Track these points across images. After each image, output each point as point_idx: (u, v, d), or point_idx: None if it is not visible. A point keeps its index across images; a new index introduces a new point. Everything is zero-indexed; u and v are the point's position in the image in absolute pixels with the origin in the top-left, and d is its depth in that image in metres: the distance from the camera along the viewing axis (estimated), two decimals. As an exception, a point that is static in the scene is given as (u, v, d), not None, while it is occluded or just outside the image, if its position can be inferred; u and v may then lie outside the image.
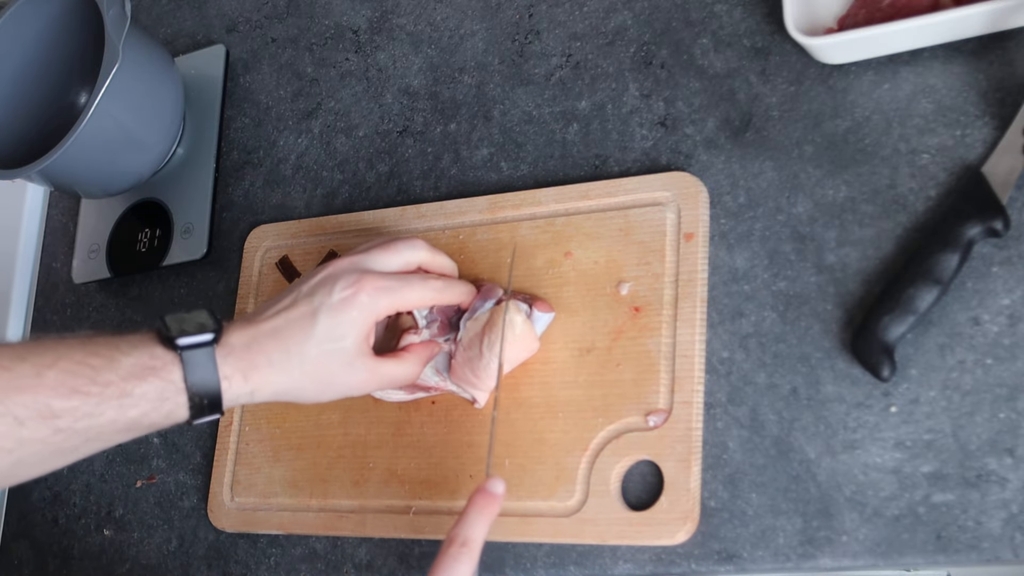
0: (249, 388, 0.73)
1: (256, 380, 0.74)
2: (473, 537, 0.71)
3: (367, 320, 0.76)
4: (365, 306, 0.76)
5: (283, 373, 0.74)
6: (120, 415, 0.69)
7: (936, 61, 0.79)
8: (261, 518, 0.92)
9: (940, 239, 0.72)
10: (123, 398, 0.69)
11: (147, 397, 0.70)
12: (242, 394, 0.73)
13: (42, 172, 0.98)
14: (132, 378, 0.69)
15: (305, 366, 0.75)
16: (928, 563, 0.70)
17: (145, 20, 1.21)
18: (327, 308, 0.76)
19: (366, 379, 0.78)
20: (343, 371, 0.76)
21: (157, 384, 0.70)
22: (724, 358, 0.79)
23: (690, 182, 0.84)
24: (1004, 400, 0.71)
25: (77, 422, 0.68)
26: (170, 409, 0.71)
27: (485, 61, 0.98)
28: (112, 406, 0.69)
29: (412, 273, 0.81)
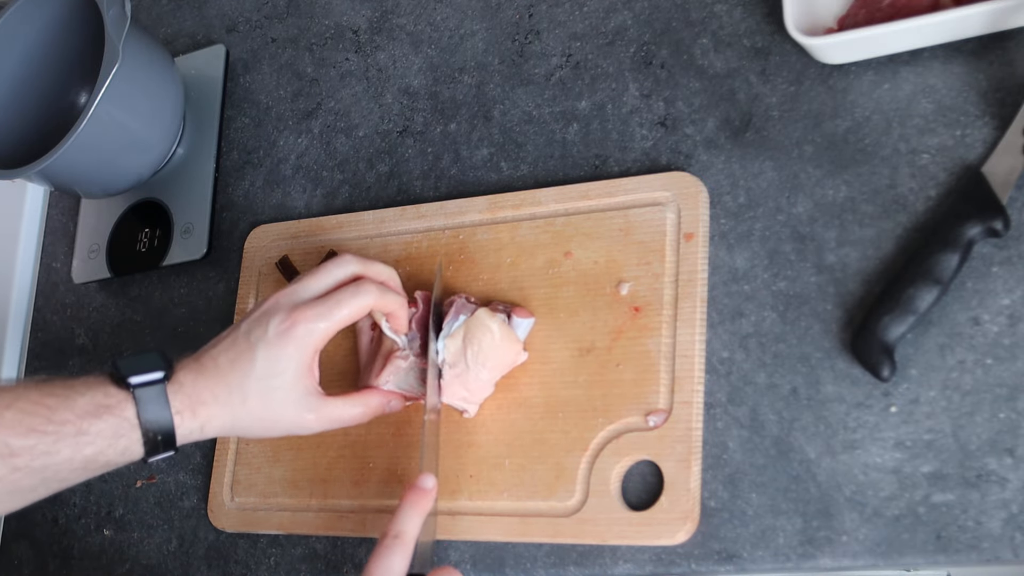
0: (198, 423, 0.76)
1: (203, 416, 0.76)
2: (405, 530, 0.73)
3: (306, 352, 0.78)
4: (302, 338, 0.77)
5: (226, 408, 0.76)
6: (76, 453, 0.71)
7: (936, 61, 0.79)
8: (261, 518, 0.92)
9: (940, 239, 0.72)
10: (79, 436, 0.71)
11: (103, 435, 0.72)
12: (193, 429, 0.76)
13: (42, 172, 0.98)
14: (87, 416, 0.71)
15: (247, 402, 0.77)
16: (928, 563, 0.70)
17: (145, 20, 1.21)
18: (264, 344, 0.77)
19: (311, 419, 0.79)
20: (286, 408, 0.78)
21: (112, 421, 0.72)
22: (724, 358, 0.79)
23: (690, 182, 0.84)
24: (1004, 400, 0.71)
25: (34, 460, 0.70)
26: (125, 446, 0.73)
27: (485, 61, 0.98)
28: (68, 444, 0.71)
29: (344, 284, 0.81)
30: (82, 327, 1.12)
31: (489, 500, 0.83)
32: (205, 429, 0.76)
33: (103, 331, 1.10)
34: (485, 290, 0.88)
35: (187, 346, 1.03)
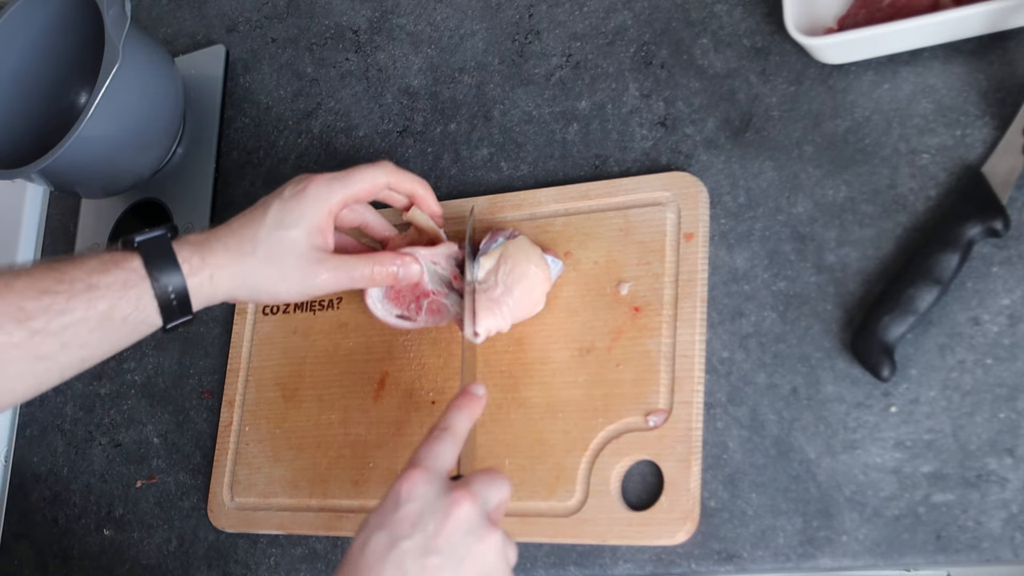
0: (207, 272, 0.76)
1: (212, 263, 0.76)
2: (454, 424, 0.72)
3: (319, 210, 0.78)
4: (315, 195, 0.79)
5: (237, 256, 0.77)
6: (89, 309, 0.72)
7: (936, 61, 0.79)
8: (261, 518, 0.92)
9: (940, 239, 0.72)
10: (90, 291, 0.72)
11: (112, 288, 0.73)
12: (203, 280, 0.76)
13: (42, 172, 0.98)
14: (96, 272, 0.73)
15: (257, 250, 0.77)
16: (928, 563, 0.70)
17: (145, 20, 1.21)
18: (279, 201, 0.79)
19: (320, 270, 0.79)
20: (295, 261, 0.78)
21: (119, 274, 0.74)
22: (724, 358, 0.79)
23: (690, 182, 0.84)
24: (1004, 400, 0.71)
25: (50, 322, 0.71)
26: (136, 299, 0.74)
27: (485, 61, 0.98)
28: (81, 301, 0.72)
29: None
30: (82, 327, 1.12)
31: (489, 500, 0.83)
32: (215, 279, 0.76)
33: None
34: (485, 290, 0.88)
35: (187, 346, 1.04)
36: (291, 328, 0.97)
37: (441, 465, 0.69)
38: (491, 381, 0.85)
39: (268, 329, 0.98)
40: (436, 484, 0.68)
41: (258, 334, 0.98)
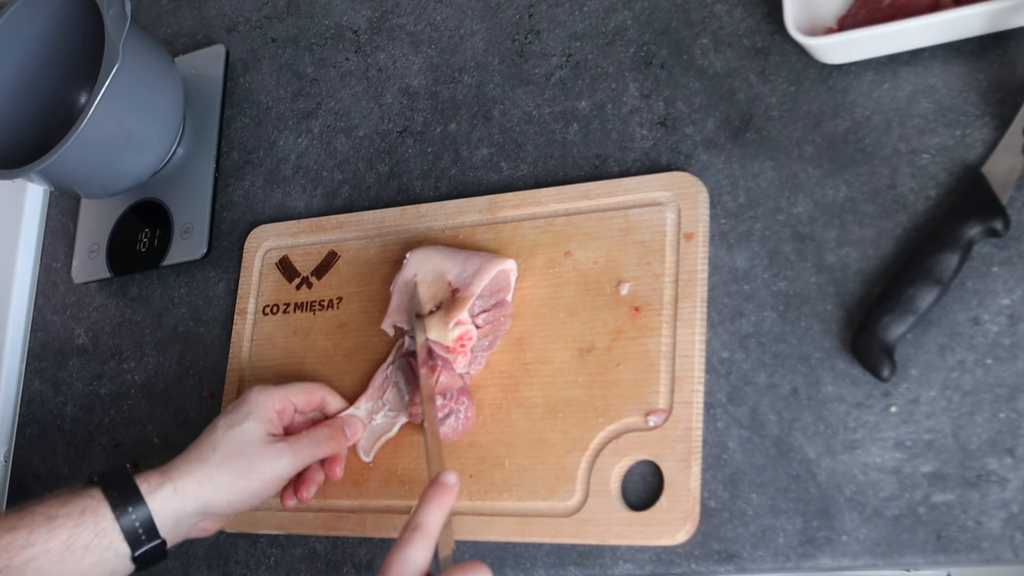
0: (170, 486, 0.78)
1: (174, 476, 0.78)
2: (425, 521, 0.72)
3: (263, 401, 0.83)
4: (256, 394, 0.83)
5: (198, 463, 0.79)
6: (50, 540, 0.73)
7: (936, 61, 0.79)
8: (261, 518, 0.92)
9: (940, 239, 0.72)
10: (49, 523, 0.74)
11: (71, 516, 0.74)
12: (167, 495, 0.78)
13: (42, 172, 0.98)
14: (55, 505, 0.75)
15: (217, 449, 0.80)
16: (928, 563, 0.70)
17: (145, 20, 1.21)
18: (224, 413, 0.83)
19: (285, 450, 0.82)
20: (255, 450, 0.81)
21: (77, 503, 0.75)
22: (724, 358, 0.79)
23: (690, 182, 0.84)
24: (1004, 400, 0.71)
25: (13, 558, 0.72)
26: (94, 523, 0.75)
27: (485, 61, 0.98)
28: (41, 534, 0.73)
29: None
30: (82, 327, 1.12)
31: (489, 500, 0.83)
32: (179, 489, 0.78)
33: (103, 331, 1.10)
34: (485, 290, 0.88)
35: (187, 346, 1.04)
36: (291, 328, 0.97)
37: (414, 569, 0.70)
38: (491, 381, 0.85)
39: (268, 329, 0.98)
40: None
41: (258, 334, 0.98)
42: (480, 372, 0.86)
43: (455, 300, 0.83)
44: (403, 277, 0.87)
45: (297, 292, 0.98)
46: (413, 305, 0.86)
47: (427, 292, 0.86)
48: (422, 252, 0.88)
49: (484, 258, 0.85)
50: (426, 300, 0.86)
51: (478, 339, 0.84)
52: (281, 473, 0.82)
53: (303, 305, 0.97)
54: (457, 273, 0.85)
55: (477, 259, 0.85)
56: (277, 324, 0.98)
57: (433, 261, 0.87)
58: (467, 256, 0.86)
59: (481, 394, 0.85)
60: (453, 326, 0.83)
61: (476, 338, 0.84)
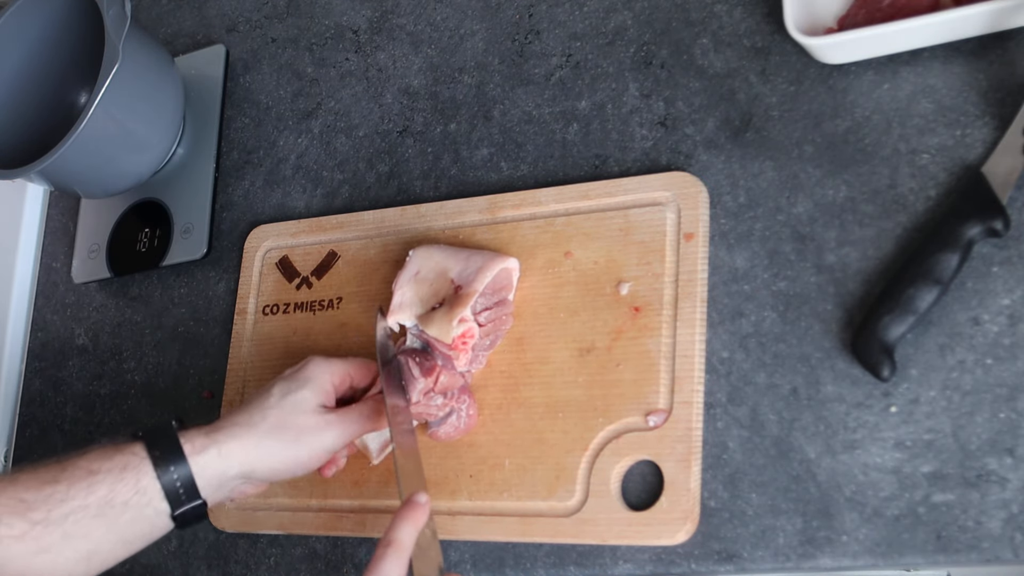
0: (215, 449, 0.76)
1: (220, 439, 0.77)
2: (398, 538, 0.73)
3: (322, 373, 0.81)
4: (313, 367, 0.82)
5: (246, 427, 0.78)
6: (89, 495, 0.72)
7: (936, 61, 0.79)
8: (261, 518, 0.92)
9: (940, 239, 0.72)
10: (90, 477, 0.72)
11: (111, 471, 0.73)
12: (210, 458, 0.76)
13: (42, 172, 0.98)
14: (97, 459, 0.73)
15: (268, 417, 0.78)
16: (928, 563, 0.70)
17: (145, 20, 1.21)
18: (282, 379, 0.82)
19: (334, 423, 0.80)
20: (306, 420, 0.79)
21: (119, 458, 0.74)
22: (724, 358, 0.79)
23: (690, 182, 0.84)
24: (1004, 400, 0.71)
25: (51, 511, 0.71)
26: (135, 480, 0.73)
27: (485, 61, 0.98)
28: (80, 488, 0.72)
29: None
30: (82, 327, 1.12)
31: (489, 500, 0.83)
32: (224, 453, 0.76)
33: (103, 331, 1.10)
34: (485, 290, 0.88)
35: (187, 346, 1.04)
36: (291, 328, 0.97)
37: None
38: (491, 381, 0.85)
39: (268, 329, 0.98)
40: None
41: (258, 334, 0.98)
42: (480, 372, 0.86)
43: (458, 297, 0.83)
44: (407, 274, 0.87)
45: (297, 292, 0.98)
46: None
47: (429, 289, 0.86)
48: (424, 250, 0.88)
49: (487, 256, 0.85)
50: (428, 297, 0.85)
51: (479, 338, 0.84)
52: (329, 445, 0.80)
53: (303, 305, 0.97)
54: (460, 270, 0.85)
55: (480, 257, 0.85)
56: (277, 324, 0.98)
57: (435, 258, 0.87)
58: (470, 254, 0.86)
59: (481, 394, 0.85)
60: (456, 323, 0.82)
61: (478, 336, 0.84)
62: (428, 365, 0.83)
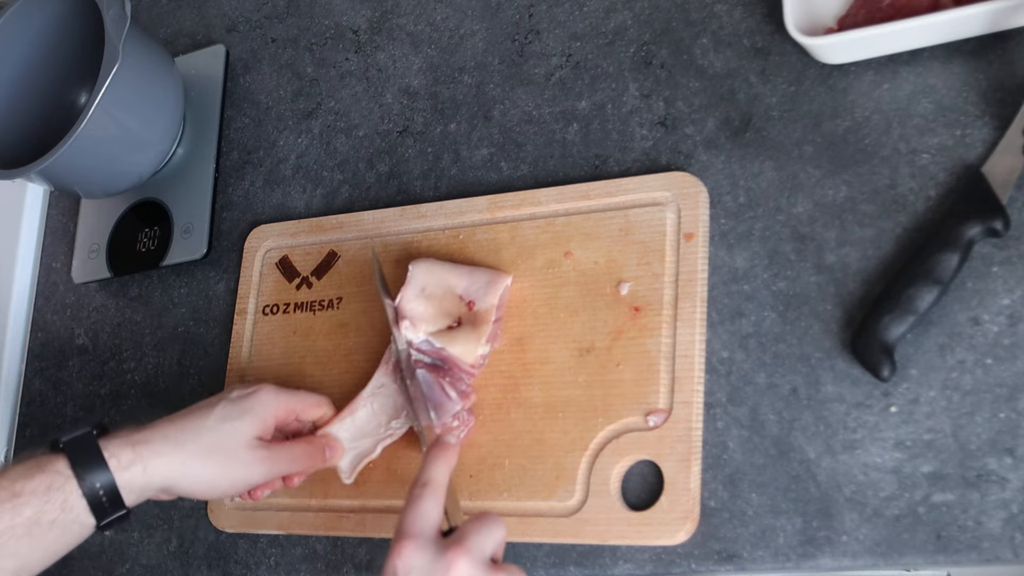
0: (140, 465, 0.76)
1: (146, 453, 0.76)
2: (433, 477, 0.72)
3: (266, 407, 0.81)
4: (265, 397, 0.82)
5: (176, 445, 0.77)
6: (15, 517, 0.72)
7: (936, 61, 0.79)
8: (261, 518, 0.92)
9: (940, 239, 0.72)
10: (14, 499, 0.72)
11: (36, 492, 0.72)
12: (135, 474, 0.75)
13: (42, 172, 0.98)
14: (20, 479, 0.73)
15: (201, 439, 0.78)
16: (928, 563, 0.70)
17: (145, 20, 1.21)
18: (226, 400, 0.81)
19: (262, 459, 0.81)
20: (238, 452, 0.80)
21: (43, 478, 0.73)
22: (724, 358, 0.79)
23: (690, 182, 0.84)
24: (1004, 400, 0.71)
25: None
26: (62, 501, 0.73)
27: (485, 61, 0.98)
28: (6, 510, 0.72)
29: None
30: (82, 327, 1.12)
31: (489, 500, 0.83)
32: (148, 471, 0.76)
33: (103, 331, 1.10)
34: (485, 290, 0.88)
35: (187, 346, 1.04)
36: (291, 328, 0.97)
37: (428, 527, 0.70)
38: (491, 381, 0.85)
39: (268, 329, 0.98)
40: (429, 549, 0.68)
41: (258, 334, 0.98)
42: (480, 372, 0.86)
43: (476, 315, 0.84)
44: (413, 289, 0.87)
45: (297, 292, 0.98)
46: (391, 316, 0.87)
47: (439, 306, 0.85)
48: (425, 264, 0.87)
49: (489, 271, 0.86)
50: (439, 314, 0.85)
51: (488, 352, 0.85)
52: (251, 480, 0.81)
53: (303, 305, 0.97)
54: (466, 286, 0.85)
55: (481, 272, 0.86)
56: (277, 324, 0.98)
57: (438, 273, 0.86)
58: (470, 269, 0.86)
59: (481, 394, 0.85)
60: (484, 342, 0.83)
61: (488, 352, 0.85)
62: (463, 388, 0.83)
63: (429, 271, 0.87)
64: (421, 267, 0.87)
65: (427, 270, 0.87)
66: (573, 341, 0.83)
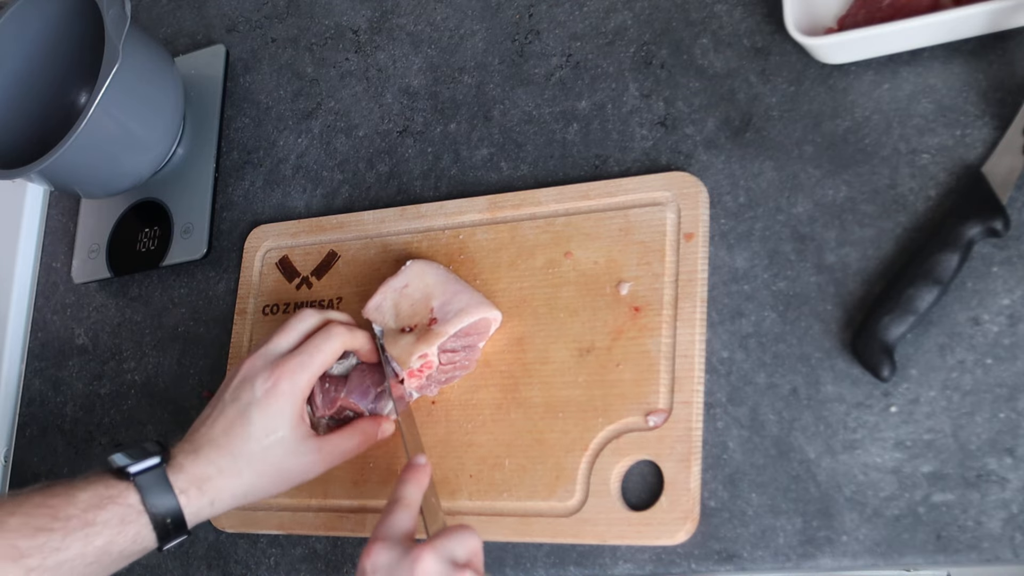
0: (208, 499, 0.78)
1: (211, 490, 0.78)
2: (405, 494, 0.77)
3: (295, 405, 0.81)
4: (288, 392, 0.81)
5: (234, 477, 0.79)
6: (87, 546, 0.73)
7: (936, 61, 0.79)
8: (261, 518, 0.92)
9: (940, 239, 0.72)
10: (87, 528, 0.73)
11: (109, 524, 0.74)
12: (203, 506, 0.78)
13: (42, 172, 0.98)
14: (92, 508, 0.73)
15: (253, 465, 0.80)
16: (928, 563, 0.70)
17: (145, 20, 1.21)
18: (255, 406, 0.80)
19: (316, 459, 0.82)
20: (291, 459, 0.81)
21: (116, 511, 0.74)
22: (724, 358, 0.79)
23: (690, 182, 0.84)
24: (1004, 400, 0.71)
25: (46, 559, 0.71)
26: (135, 533, 0.75)
27: (485, 61, 0.98)
28: (78, 538, 0.72)
29: (311, 334, 0.85)
30: (82, 327, 1.12)
31: (489, 500, 0.83)
32: (216, 504, 0.78)
33: (103, 331, 1.10)
34: (484, 290, 0.88)
35: (187, 346, 1.04)
36: (291, 328, 0.96)
37: (397, 532, 0.73)
38: (491, 381, 0.85)
39: (268, 329, 0.98)
40: (396, 549, 0.71)
41: (258, 334, 0.98)
42: (480, 372, 0.86)
43: (429, 332, 0.84)
44: (396, 282, 0.87)
45: (297, 292, 0.98)
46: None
47: (409, 308, 0.86)
48: (421, 266, 0.88)
49: (473, 300, 0.85)
50: (404, 314, 0.86)
51: (436, 371, 0.85)
52: (311, 475, 0.83)
53: (303, 305, 0.97)
54: (442, 304, 0.85)
55: (467, 297, 0.85)
56: (277, 324, 0.97)
57: (427, 280, 0.86)
58: (459, 290, 0.86)
59: (481, 394, 0.85)
60: (416, 358, 0.83)
61: (435, 370, 0.85)
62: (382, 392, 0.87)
63: (421, 274, 0.87)
64: (415, 268, 0.87)
65: (419, 272, 0.87)
66: (573, 341, 0.83)
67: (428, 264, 0.88)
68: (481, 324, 0.85)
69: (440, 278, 0.87)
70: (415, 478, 0.78)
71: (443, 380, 0.86)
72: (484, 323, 0.85)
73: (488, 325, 0.85)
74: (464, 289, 0.86)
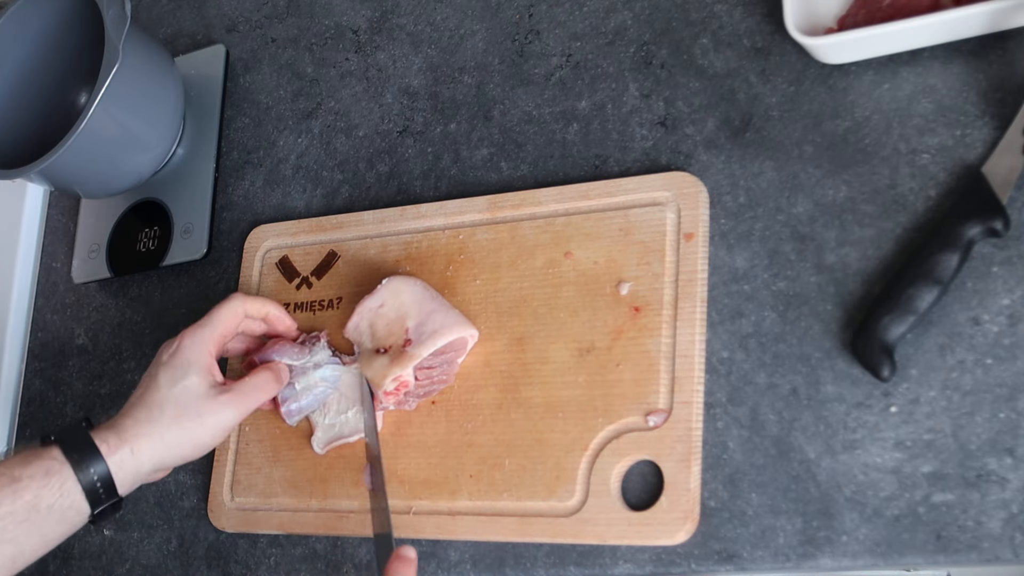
0: (128, 447, 0.79)
1: (130, 438, 0.80)
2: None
3: (200, 356, 0.84)
4: (189, 347, 0.84)
5: (148, 423, 0.81)
6: (16, 501, 0.74)
7: (936, 61, 0.79)
8: (261, 518, 0.92)
9: (940, 239, 0.72)
10: (13, 484, 0.75)
11: (35, 478, 0.75)
12: (124, 457, 0.79)
13: (42, 172, 0.98)
14: (17, 466, 0.76)
15: (165, 409, 0.81)
16: (928, 563, 0.70)
17: (145, 20, 1.21)
18: (161, 366, 0.84)
19: (228, 399, 0.83)
20: (203, 403, 0.82)
21: (41, 464, 0.76)
22: (724, 358, 0.79)
23: (690, 182, 0.84)
24: (1004, 400, 0.71)
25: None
26: (60, 485, 0.76)
27: (485, 61, 0.98)
28: (6, 494, 0.74)
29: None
30: (82, 327, 1.12)
31: (489, 500, 0.83)
32: (136, 453, 0.79)
33: (103, 331, 1.10)
34: (484, 290, 0.88)
35: (187, 346, 1.03)
36: (291, 328, 0.97)
37: None
38: (491, 381, 0.85)
39: (268, 329, 0.98)
40: None
41: (258, 334, 0.98)
42: (480, 372, 0.86)
43: (403, 354, 0.84)
44: (371, 302, 0.88)
45: (297, 292, 0.98)
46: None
47: (384, 329, 0.86)
48: (397, 283, 0.88)
49: (449, 320, 0.85)
50: (379, 335, 0.86)
51: (414, 387, 0.85)
52: (228, 423, 0.83)
53: (303, 305, 0.97)
54: (416, 324, 0.85)
55: (441, 317, 0.85)
56: (277, 324, 0.97)
57: (403, 299, 0.87)
58: (435, 309, 0.85)
59: (481, 394, 0.85)
60: (390, 381, 0.84)
61: (412, 387, 0.85)
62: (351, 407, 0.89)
63: (396, 292, 0.87)
64: (391, 286, 0.87)
65: (395, 291, 0.87)
66: (573, 341, 0.83)
67: (405, 281, 0.88)
68: (457, 343, 0.85)
69: (416, 296, 0.87)
70: (403, 569, 0.76)
71: (421, 394, 0.86)
72: (460, 342, 0.85)
73: (464, 343, 0.86)
74: (440, 308, 0.86)
